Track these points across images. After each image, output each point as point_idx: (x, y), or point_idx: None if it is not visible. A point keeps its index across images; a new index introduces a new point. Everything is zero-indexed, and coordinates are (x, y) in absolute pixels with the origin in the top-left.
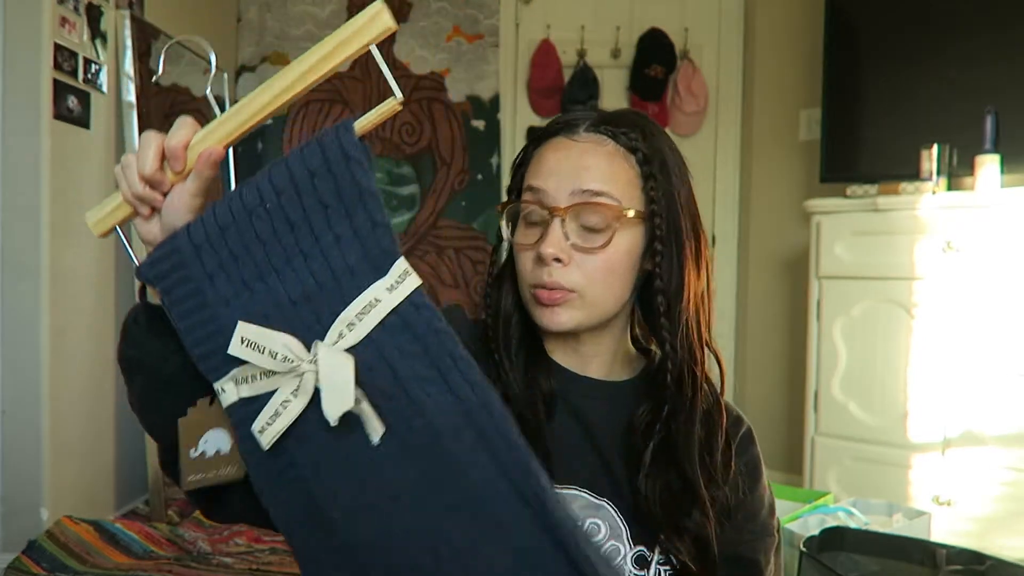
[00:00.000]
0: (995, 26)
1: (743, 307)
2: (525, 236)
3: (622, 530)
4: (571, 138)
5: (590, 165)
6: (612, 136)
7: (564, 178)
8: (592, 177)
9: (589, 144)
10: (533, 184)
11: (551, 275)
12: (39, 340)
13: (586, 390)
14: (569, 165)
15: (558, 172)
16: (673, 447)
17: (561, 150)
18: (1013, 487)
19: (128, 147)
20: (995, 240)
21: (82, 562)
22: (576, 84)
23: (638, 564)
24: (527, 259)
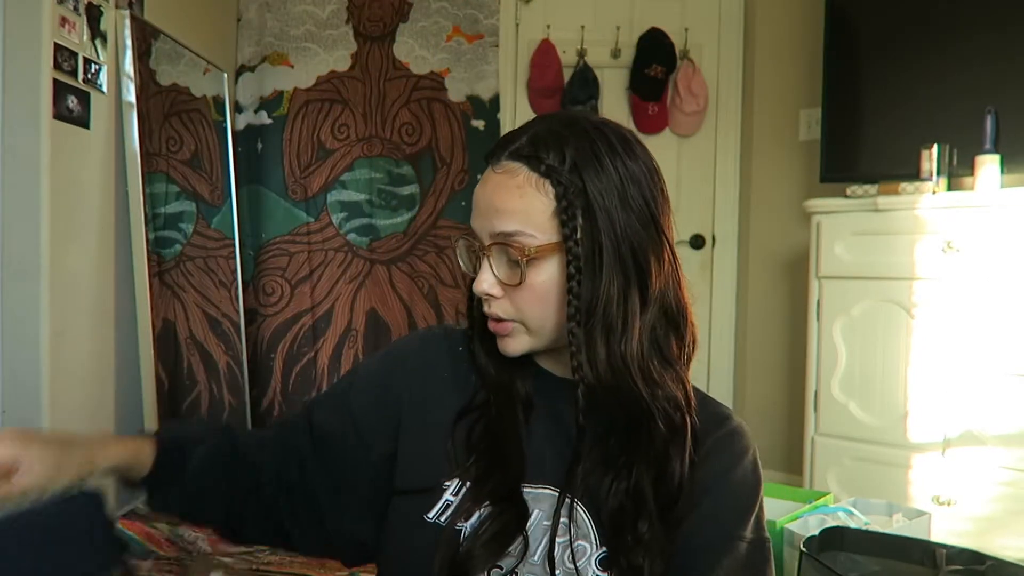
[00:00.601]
0: (995, 26)
1: (743, 307)
2: (471, 269)
3: (590, 530)
4: (493, 169)
5: (500, 207)
6: (527, 163)
7: (483, 219)
8: (503, 220)
9: (503, 177)
10: (471, 221)
11: (490, 307)
12: (39, 341)
13: (565, 392)
14: (485, 205)
15: (479, 213)
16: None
17: (483, 186)
18: (1013, 487)
19: (128, 147)
20: (995, 240)
21: None
22: (576, 84)
23: (602, 565)
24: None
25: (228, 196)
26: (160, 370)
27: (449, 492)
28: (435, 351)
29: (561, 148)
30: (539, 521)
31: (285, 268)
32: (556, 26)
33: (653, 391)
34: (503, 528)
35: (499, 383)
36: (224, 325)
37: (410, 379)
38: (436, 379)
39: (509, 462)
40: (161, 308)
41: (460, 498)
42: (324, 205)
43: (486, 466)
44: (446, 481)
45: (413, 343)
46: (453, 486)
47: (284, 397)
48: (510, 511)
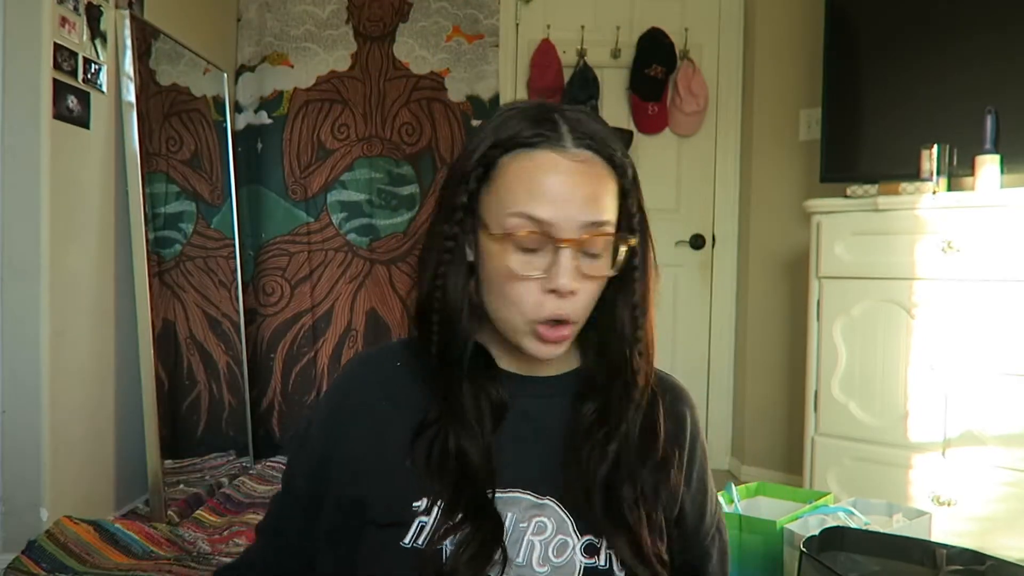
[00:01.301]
0: (995, 26)
1: (743, 307)
2: (526, 267)
3: (568, 523)
4: (562, 155)
5: (595, 193)
6: (599, 152)
7: (572, 208)
8: (599, 210)
9: (583, 165)
10: (533, 214)
11: (562, 308)
12: (39, 341)
13: (533, 390)
14: (575, 195)
15: (563, 202)
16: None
17: (558, 173)
18: (1013, 487)
19: (128, 147)
20: (995, 240)
21: (82, 562)
22: (576, 84)
23: (587, 552)
24: (528, 290)
25: (228, 196)
26: (160, 370)
27: (421, 514)
28: (368, 383)
29: (614, 137)
30: (515, 524)
31: (285, 268)
32: (556, 26)
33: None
34: (482, 543)
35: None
36: (224, 325)
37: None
38: (380, 412)
39: (477, 475)
40: (161, 308)
41: (435, 518)
42: (324, 205)
43: (455, 482)
44: (415, 503)
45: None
46: (423, 505)
47: (284, 397)
48: (486, 525)
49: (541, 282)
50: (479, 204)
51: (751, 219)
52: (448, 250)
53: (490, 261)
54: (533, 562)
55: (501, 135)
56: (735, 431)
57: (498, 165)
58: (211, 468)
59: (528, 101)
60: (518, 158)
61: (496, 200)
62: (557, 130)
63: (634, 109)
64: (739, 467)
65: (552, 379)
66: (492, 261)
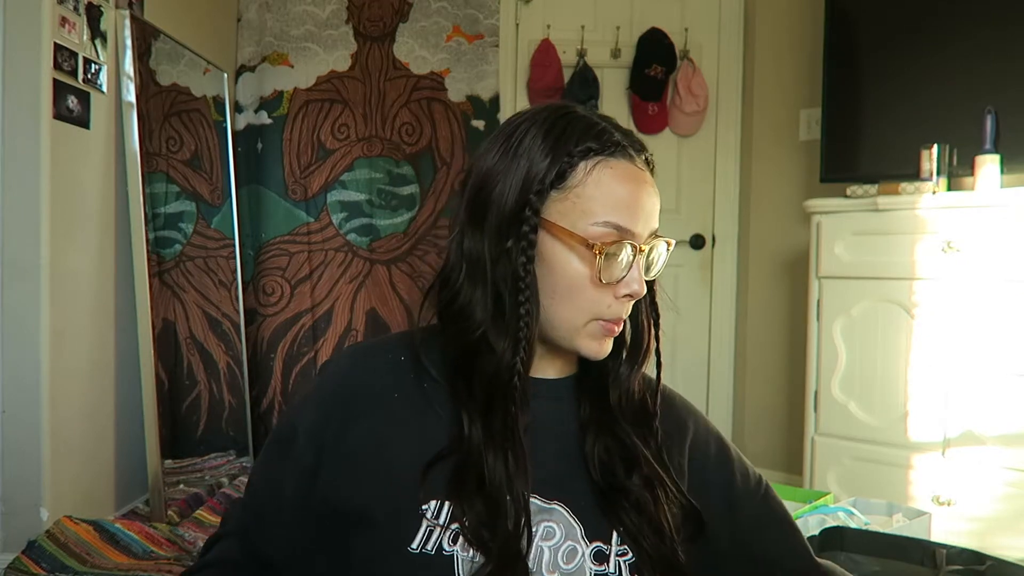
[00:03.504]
0: (995, 26)
1: (743, 307)
2: (607, 273)
3: (576, 529)
4: (635, 165)
5: (657, 203)
6: (649, 166)
7: (648, 218)
8: (656, 218)
9: (647, 175)
10: (621, 224)
11: (629, 310)
12: (39, 340)
13: (542, 391)
14: (648, 205)
15: (642, 212)
16: (614, 408)
17: (634, 183)
18: (1013, 487)
19: (128, 147)
20: (995, 240)
21: (82, 562)
22: (576, 84)
23: (597, 560)
24: (603, 294)
25: (228, 196)
26: (160, 370)
27: (430, 518)
28: (366, 377)
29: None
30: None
31: (285, 268)
32: (556, 26)
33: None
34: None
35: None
36: (224, 325)
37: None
38: (381, 408)
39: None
40: (161, 308)
41: (444, 523)
42: (324, 205)
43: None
44: (423, 505)
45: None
46: (432, 508)
47: (284, 397)
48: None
49: (615, 287)
50: (546, 213)
51: (751, 219)
52: (528, 261)
53: (565, 268)
54: (543, 568)
55: (571, 145)
56: (735, 431)
57: (573, 173)
58: (211, 468)
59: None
60: (598, 168)
61: (574, 207)
62: (617, 138)
63: (634, 109)
64: None
65: (557, 381)
66: (568, 268)
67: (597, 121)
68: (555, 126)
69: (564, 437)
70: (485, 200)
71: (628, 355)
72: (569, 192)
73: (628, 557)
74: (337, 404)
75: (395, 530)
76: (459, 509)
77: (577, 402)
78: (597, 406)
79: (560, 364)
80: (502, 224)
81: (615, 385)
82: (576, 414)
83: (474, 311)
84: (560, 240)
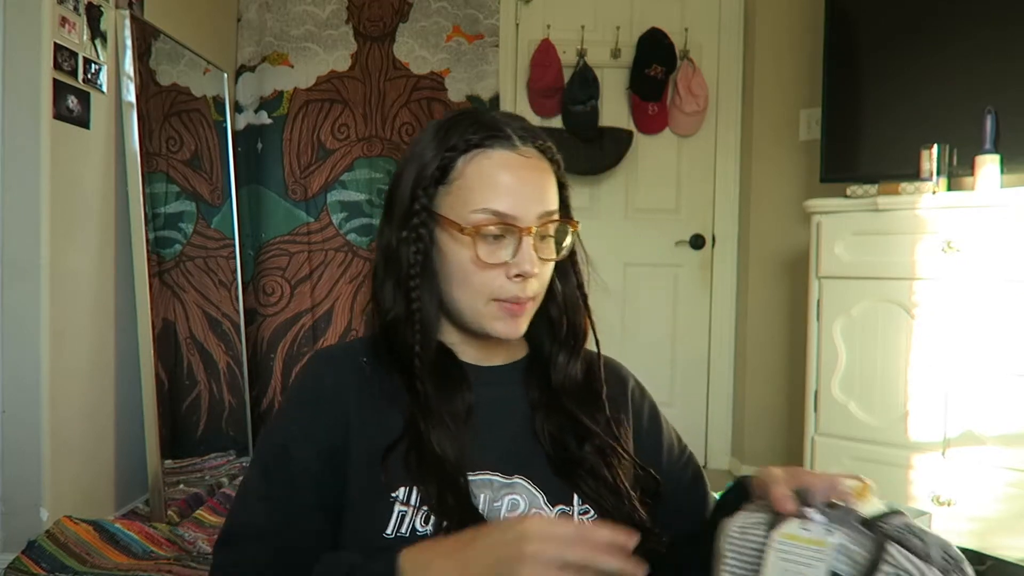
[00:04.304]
0: (995, 26)
1: (743, 307)
2: (491, 256)
3: (538, 496)
4: (515, 153)
5: (546, 186)
6: (542, 151)
7: (529, 201)
8: (550, 197)
9: (535, 161)
10: (497, 209)
11: (526, 290)
12: (39, 340)
13: (492, 378)
14: (531, 189)
15: (522, 196)
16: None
17: (511, 169)
18: (1013, 487)
19: (128, 147)
20: (995, 240)
21: (82, 562)
22: (576, 84)
23: None
24: (493, 276)
25: (228, 196)
26: (160, 370)
27: (400, 503)
28: (339, 377)
29: (548, 138)
30: (488, 504)
31: (285, 268)
32: (556, 26)
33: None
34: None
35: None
36: (224, 325)
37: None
38: (354, 404)
39: (453, 470)
40: (161, 308)
41: (413, 508)
42: (324, 205)
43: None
44: (392, 493)
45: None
46: (401, 495)
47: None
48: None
49: (506, 268)
50: (436, 206)
51: (751, 219)
52: (417, 253)
53: (454, 255)
54: None
55: (452, 141)
56: (735, 431)
57: (455, 168)
58: (211, 468)
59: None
60: (476, 159)
61: (457, 199)
62: (504, 131)
63: (634, 109)
64: (739, 467)
65: (507, 367)
66: (457, 255)
67: (485, 117)
68: (443, 126)
69: (516, 418)
70: (391, 198)
71: (563, 341)
72: (453, 185)
73: (591, 515)
74: (319, 405)
75: (370, 519)
76: (423, 491)
77: (525, 386)
78: (545, 388)
79: (506, 351)
80: (401, 219)
81: (556, 371)
82: (526, 397)
83: (384, 299)
84: (447, 230)
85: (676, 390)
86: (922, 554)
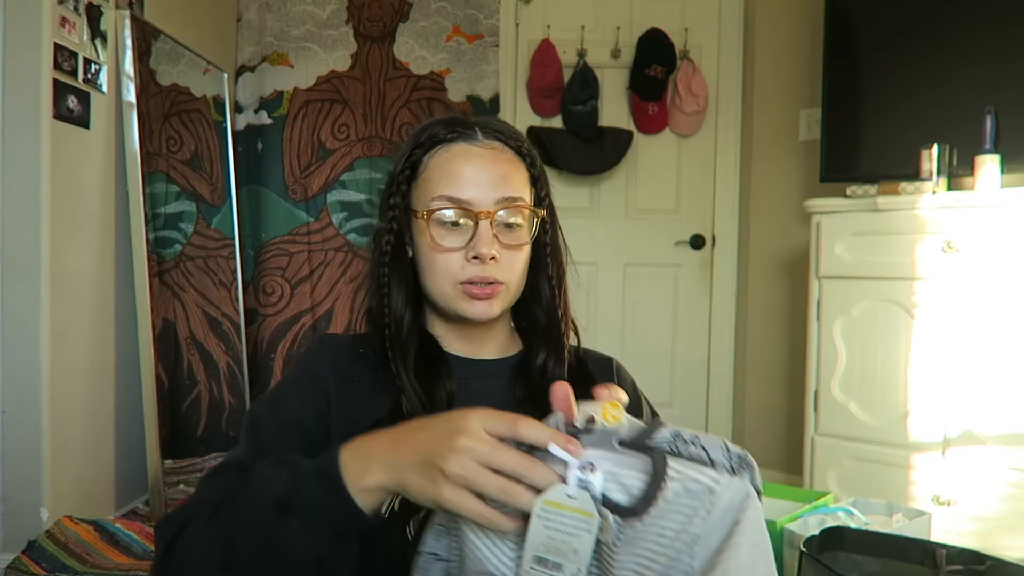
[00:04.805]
0: (995, 26)
1: (743, 307)
2: (448, 239)
3: None
4: (474, 144)
5: (506, 173)
6: (506, 143)
7: (486, 186)
8: (509, 186)
9: (493, 152)
10: (452, 195)
11: (486, 271)
12: (39, 340)
13: (481, 372)
14: (489, 174)
15: (479, 181)
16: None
17: (467, 157)
18: (1014, 487)
19: (128, 147)
20: (995, 240)
21: (82, 562)
22: (576, 84)
23: None
24: (452, 259)
25: (228, 196)
26: (160, 370)
27: None
28: (339, 359)
29: (519, 134)
30: None
31: (285, 268)
32: (556, 26)
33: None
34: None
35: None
36: (224, 325)
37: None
38: (350, 388)
39: None
40: (161, 308)
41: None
42: (324, 205)
43: None
44: None
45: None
46: None
47: None
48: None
49: (464, 251)
50: (409, 201)
51: (751, 219)
52: (387, 243)
53: (420, 243)
54: None
55: (421, 139)
56: (735, 431)
57: (422, 163)
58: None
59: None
60: (438, 153)
61: (423, 191)
62: (470, 128)
63: (634, 109)
64: None
65: (497, 361)
66: (421, 241)
67: (457, 118)
68: (420, 129)
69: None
70: (381, 198)
71: (544, 341)
72: (420, 180)
73: None
74: (313, 376)
75: None
76: None
77: (512, 382)
78: (533, 387)
79: (496, 346)
80: (380, 216)
81: (536, 370)
82: (512, 393)
83: (371, 288)
84: (414, 221)
85: (676, 390)
86: (704, 460)
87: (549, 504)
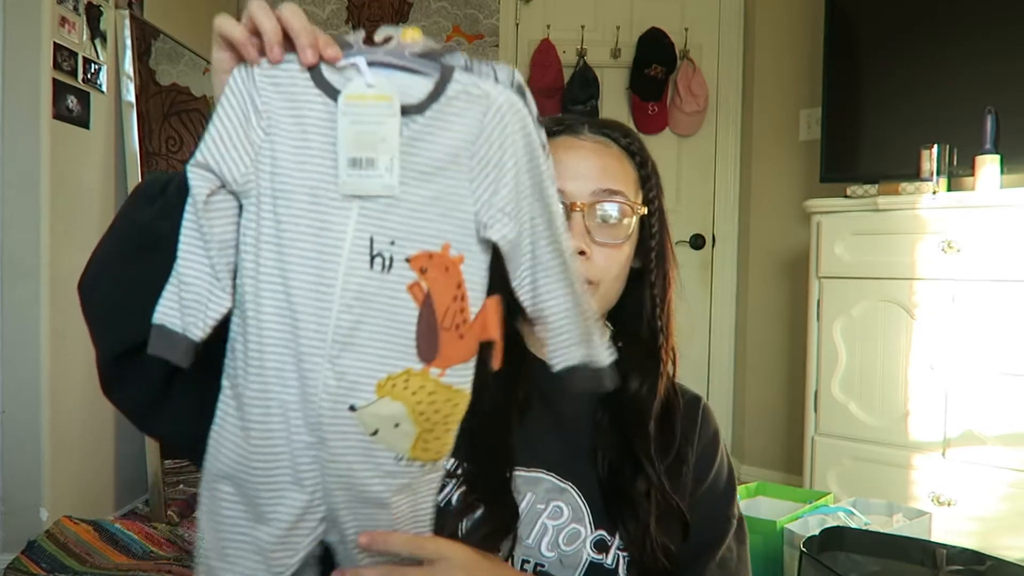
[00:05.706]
0: (995, 26)
1: (743, 307)
2: None
3: (584, 513)
4: (578, 137)
5: (607, 165)
6: (614, 140)
7: (584, 177)
8: (611, 177)
9: (598, 145)
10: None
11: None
12: (39, 340)
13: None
14: (587, 164)
15: (576, 171)
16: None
17: (573, 149)
18: (1013, 487)
19: (128, 147)
20: (995, 240)
21: (82, 562)
22: (576, 84)
23: (597, 548)
24: None
25: None
26: None
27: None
28: None
29: (630, 132)
30: (532, 504)
31: None
32: (556, 26)
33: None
34: (495, 528)
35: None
36: None
37: None
38: None
39: (498, 458)
40: None
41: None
42: None
43: (476, 461)
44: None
45: None
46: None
47: None
48: (502, 512)
49: None
50: None
51: (751, 219)
52: None
53: None
54: (542, 545)
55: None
56: (735, 431)
57: None
58: None
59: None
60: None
61: None
62: (576, 122)
63: (634, 109)
64: (739, 467)
65: None
66: None
67: (563, 117)
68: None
69: (580, 425)
70: None
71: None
72: None
73: (627, 554)
74: None
75: None
76: (467, 470)
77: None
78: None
79: None
80: None
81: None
82: (595, 408)
83: None
84: None
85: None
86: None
87: (351, 98)
